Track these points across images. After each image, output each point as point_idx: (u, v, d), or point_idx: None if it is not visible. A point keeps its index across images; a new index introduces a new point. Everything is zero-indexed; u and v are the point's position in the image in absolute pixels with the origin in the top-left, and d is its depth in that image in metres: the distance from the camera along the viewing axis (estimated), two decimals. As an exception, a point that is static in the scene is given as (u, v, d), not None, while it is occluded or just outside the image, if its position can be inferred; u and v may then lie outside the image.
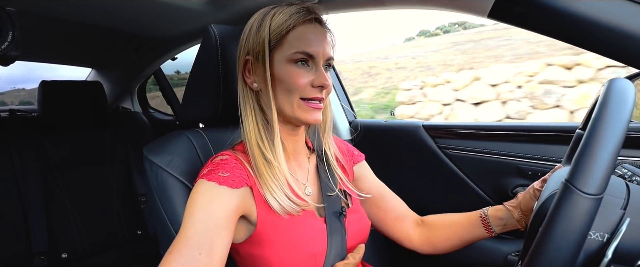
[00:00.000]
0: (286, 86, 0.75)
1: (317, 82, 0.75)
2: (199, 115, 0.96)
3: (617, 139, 0.47)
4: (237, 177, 0.72)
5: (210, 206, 0.67)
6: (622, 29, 0.61)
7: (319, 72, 0.76)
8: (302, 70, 0.75)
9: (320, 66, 0.76)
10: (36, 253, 1.66)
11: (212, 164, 0.74)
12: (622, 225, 0.47)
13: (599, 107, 0.50)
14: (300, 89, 0.74)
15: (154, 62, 2.03)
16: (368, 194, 0.93)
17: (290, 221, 0.74)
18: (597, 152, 0.46)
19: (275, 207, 0.73)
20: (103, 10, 1.29)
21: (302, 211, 0.77)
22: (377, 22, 14.55)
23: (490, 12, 0.79)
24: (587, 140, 0.48)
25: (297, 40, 0.74)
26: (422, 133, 1.36)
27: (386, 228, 0.98)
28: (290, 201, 0.74)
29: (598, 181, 0.45)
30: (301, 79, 0.74)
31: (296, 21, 0.74)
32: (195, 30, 1.47)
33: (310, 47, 0.74)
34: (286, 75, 0.74)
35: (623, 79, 0.53)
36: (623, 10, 0.61)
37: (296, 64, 0.75)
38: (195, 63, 0.91)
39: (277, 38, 0.75)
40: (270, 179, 0.74)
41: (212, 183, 0.69)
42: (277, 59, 0.75)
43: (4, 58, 0.78)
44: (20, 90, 4.21)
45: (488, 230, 0.87)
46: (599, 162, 0.46)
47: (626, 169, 0.71)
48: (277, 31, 0.74)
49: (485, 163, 1.23)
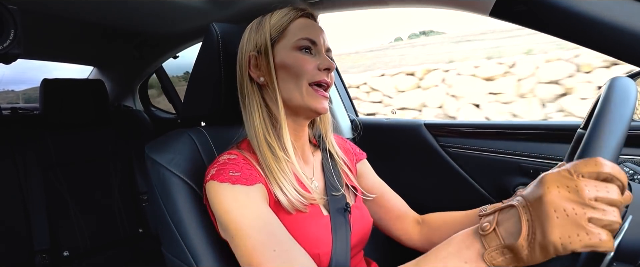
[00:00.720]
0: (294, 72, 0.77)
1: (323, 65, 0.78)
2: (200, 114, 0.96)
3: (618, 140, 0.47)
4: (248, 175, 0.71)
5: (245, 210, 0.67)
6: (624, 27, 0.61)
7: (323, 56, 0.79)
8: (307, 56, 0.78)
9: (323, 52, 0.80)
10: (38, 251, 1.66)
11: (219, 163, 0.73)
12: (625, 221, 0.47)
13: (600, 107, 0.50)
14: (308, 73, 0.77)
15: (156, 60, 2.04)
16: (372, 194, 0.93)
17: (297, 219, 0.74)
18: (600, 149, 0.46)
19: (284, 202, 0.73)
20: (105, 8, 1.29)
21: (309, 206, 0.76)
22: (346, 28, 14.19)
23: (492, 10, 0.79)
24: (588, 140, 0.48)
25: (298, 29, 0.79)
26: (423, 131, 1.36)
27: (387, 226, 0.98)
28: (299, 195, 0.75)
29: None
30: (308, 64, 0.77)
31: (294, 16, 0.80)
32: (197, 28, 1.48)
33: (312, 35, 0.79)
34: (293, 62, 0.77)
35: (625, 78, 0.53)
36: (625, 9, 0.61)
37: (301, 51, 0.78)
38: (197, 61, 0.91)
39: (278, 30, 0.79)
40: (279, 173, 0.74)
41: (226, 184, 0.69)
42: (282, 49, 0.78)
43: (5, 56, 0.77)
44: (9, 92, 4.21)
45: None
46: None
47: (628, 168, 0.70)
48: (278, 25, 0.79)
49: (487, 161, 1.23)
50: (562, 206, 0.42)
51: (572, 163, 0.44)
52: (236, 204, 0.67)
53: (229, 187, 0.68)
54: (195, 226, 0.79)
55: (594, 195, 0.41)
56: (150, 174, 0.85)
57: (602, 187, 0.42)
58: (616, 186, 0.42)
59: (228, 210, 0.67)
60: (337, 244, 0.76)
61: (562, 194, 0.42)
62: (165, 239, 0.84)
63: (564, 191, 0.42)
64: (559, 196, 0.43)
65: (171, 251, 0.82)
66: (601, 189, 0.42)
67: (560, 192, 0.43)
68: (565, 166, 0.44)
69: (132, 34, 1.71)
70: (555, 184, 0.43)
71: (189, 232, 0.79)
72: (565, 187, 0.43)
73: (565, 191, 0.42)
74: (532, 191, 0.46)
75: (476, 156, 1.25)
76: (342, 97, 1.61)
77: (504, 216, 0.49)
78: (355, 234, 0.82)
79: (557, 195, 0.43)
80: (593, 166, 0.42)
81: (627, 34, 0.60)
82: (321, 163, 0.89)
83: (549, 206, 0.43)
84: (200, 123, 0.99)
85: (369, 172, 1.00)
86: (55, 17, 1.36)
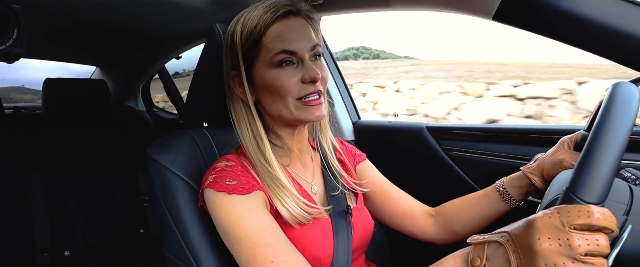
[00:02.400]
0: (277, 92, 0.71)
1: (307, 77, 0.70)
2: (203, 115, 0.96)
3: (620, 147, 0.46)
4: (244, 183, 0.70)
5: (243, 221, 0.66)
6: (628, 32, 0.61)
7: (306, 65, 0.71)
8: (287, 71, 0.71)
9: (306, 60, 0.72)
10: (39, 251, 1.66)
11: (216, 170, 0.72)
12: (624, 232, 0.46)
13: (602, 112, 0.49)
14: (292, 90, 0.71)
15: (159, 61, 2.04)
16: (368, 189, 0.92)
17: (299, 229, 0.73)
18: (599, 161, 0.46)
19: (287, 216, 0.71)
20: (108, 9, 1.29)
21: (313, 220, 0.75)
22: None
23: (495, 14, 0.79)
24: (589, 147, 0.47)
25: (272, 40, 0.70)
26: (425, 134, 1.36)
27: (396, 223, 0.95)
28: (303, 210, 0.72)
29: (599, 190, 0.45)
30: (289, 80, 0.71)
31: (266, 22, 0.71)
32: (199, 29, 1.48)
33: (288, 44, 0.70)
34: (273, 81, 0.71)
35: (628, 83, 0.52)
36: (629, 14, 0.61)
37: (280, 67, 0.71)
38: (200, 62, 0.91)
39: (252, 46, 0.72)
40: (279, 189, 0.72)
41: (222, 194, 0.68)
42: (259, 67, 0.72)
43: (8, 55, 0.78)
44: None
45: (508, 201, 0.83)
46: (601, 171, 0.46)
47: (629, 173, 0.70)
48: (250, 40, 0.72)
49: (489, 165, 1.22)
50: (553, 260, 0.42)
51: (563, 210, 0.44)
52: (235, 215, 0.67)
53: (226, 197, 0.68)
54: (197, 227, 0.79)
55: (585, 249, 0.42)
56: (152, 175, 0.85)
57: (593, 239, 0.42)
58: (605, 235, 0.43)
59: (227, 220, 0.67)
60: (338, 247, 0.75)
61: (553, 248, 0.43)
62: (166, 239, 0.84)
63: (555, 244, 0.43)
64: (550, 249, 0.43)
65: (172, 252, 0.82)
66: (592, 242, 0.42)
67: (551, 245, 0.43)
68: (556, 212, 0.44)
69: (135, 35, 1.71)
70: (546, 235, 0.43)
71: (190, 233, 0.79)
72: (556, 240, 0.43)
73: (557, 244, 0.43)
74: (521, 235, 0.46)
75: (478, 159, 1.24)
76: (343, 99, 1.60)
77: (493, 252, 0.49)
78: (357, 236, 0.81)
79: (548, 248, 0.43)
80: (585, 218, 0.42)
81: (630, 39, 0.60)
82: (320, 166, 0.88)
83: (539, 258, 0.43)
84: (202, 124, 0.99)
85: (370, 171, 0.98)
86: (59, 17, 1.36)
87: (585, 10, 0.64)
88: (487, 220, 0.86)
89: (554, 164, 0.77)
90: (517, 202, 0.83)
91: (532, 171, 0.81)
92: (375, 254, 1.32)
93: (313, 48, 0.73)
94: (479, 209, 0.87)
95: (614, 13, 0.63)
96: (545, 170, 0.79)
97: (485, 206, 0.86)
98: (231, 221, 0.67)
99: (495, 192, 0.85)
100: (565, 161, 0.76)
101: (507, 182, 0.84)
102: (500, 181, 0.86)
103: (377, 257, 1.33)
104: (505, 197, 0.83)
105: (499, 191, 0.84)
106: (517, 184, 0.83)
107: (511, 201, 0.83)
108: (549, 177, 0.78)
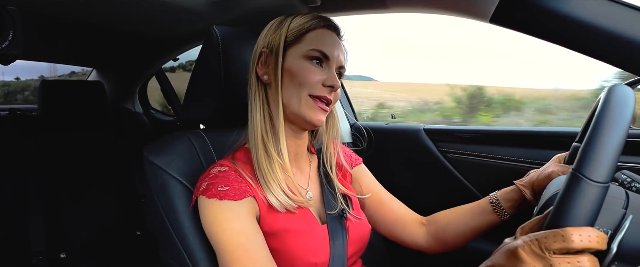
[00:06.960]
0: (297, 80, 0.76)
1: (329, 81, 0.77)
2: (200, 117, 0.96)
3: (621, 132, 0.47)
4: (237, 189, 0.72)
5: (227, 225, 0.69)
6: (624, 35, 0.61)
7: (332, 73, 0.78)
8: (315, 68, 0.77)
9: (333, 69, 0.79)
10: (35, 253, 1.66)
11: (210, 177, 0.74)
12: (626, 220, 0.47)
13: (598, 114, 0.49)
14: (311, 85, 0.76)
15: (156, 62, 2.04)
16: (364, 195, 0.93)
17: (294, 229, 0.74)
18: (604, 142, 0.46)
19: (274, 202, 0.74)
20: (105, 10, 1.29)
21: (305, 216, 0.77)
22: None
23: (492, 17, 0.79)
24: (593, 132, 0.48)
25: (315, 39, 0.78)
26: (423, 136, 1.36)
27: (387, 230, 0.96)
28: (286, 196, 0.75)
29: (606, 168, 0.45)
30: (313, 76, 0.76)
31: (316, 24, 0.79)
32: (197, 31, 1.47)
33: (327, 49, 0.77)
34: (299, 70, 0.76)
35: (623, 85, 0.52)
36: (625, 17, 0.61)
37: (311, 61, 0.77)
38: (197, 64, 0.91)
39: (295, 35, 0.78)
40: (269, 173, 0.75)
41: (214, 200, 0.70)
42: (293, 54, 0.77)
43: (4, 57, 0.77)
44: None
45: (500, 213, 0.84)
46: (606, 150, 0.46)
47: (625, 176, 0.70)
48: (296, 29, 0.78)
49: (486, 167, 1.23)
50: None
51: (541, 236, 0.45)
52: (220, 219, 0.70)
53: (217, 202, 0.70)
54: (193, 229, 0.79)
55: None
56: (149, 177, 0.85)
57: (575, 261, 0.43)
58: (589, 255, 0.43)
59: (212, 224, 0.70)
60: (334, 252, 0.76)
61: None
62: (162, 242, 0.84)
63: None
64: None
65: (168, 254, 0.82)
66: (574, 264, 0.42)
67: None
68: (535, 239, 0.45)
69: (132, 36, 1.71)
70: (530, 264, 0.44)
71: (186, 236, 0.78)
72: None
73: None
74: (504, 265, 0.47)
75: (475, 161, 1.25)
76: (341, 101, 1.61)
77: None
78: (353, 241, 0.82)
79: None
80: (561, 242, 0.43)
81: (627, 43, 0.61)
82: (317, 173, 0.89)
83: None
84: (199, 126, 0.99)
85: (365, 176, 0.99)
86: (55, 18, 1.36)
87: (582, 14, 0.64)
88: (477, 231, 0.88)
89: (544, 176, 0.79)
90: (508, 215, 0.84)
91: (524, 184, 0.83)
92: (372, 259, 1.31)
93: (340, 67, 0.81)
94: (470, 220, 0.88)
95: (611, 16, 0.63)
96: (536, 182, 0.80)
97: (476, 217, 0.87)
98: (215, 225, 0.70)
99: (487, 204, 0.86)
100: (554, 173, 0.77)
101: (500, 195, 0.86)
102: (494, 193, 0.87)
103: (374, 263, 1.33)
104: (497, 210, 0.85)
105: (491, 202, 0.86)
106: (510, 197, 0.84)
107: (503, 213, 0.84)
108: (539, 189, 0.79)
